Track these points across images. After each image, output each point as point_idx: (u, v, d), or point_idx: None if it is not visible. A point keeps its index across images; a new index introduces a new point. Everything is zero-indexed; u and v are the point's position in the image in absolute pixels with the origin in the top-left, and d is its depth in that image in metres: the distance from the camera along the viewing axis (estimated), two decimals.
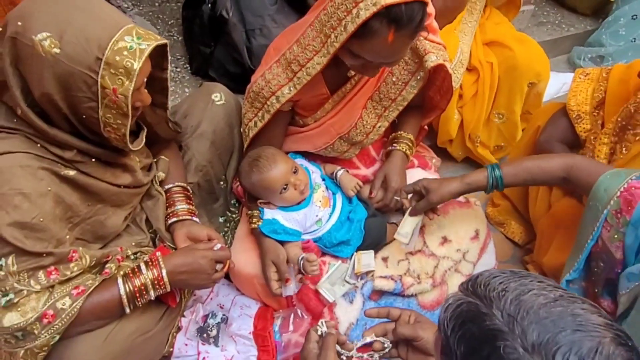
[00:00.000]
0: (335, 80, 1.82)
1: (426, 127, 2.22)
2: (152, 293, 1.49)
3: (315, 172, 1.95)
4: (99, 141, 1.41)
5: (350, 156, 2.03)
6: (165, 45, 1.40)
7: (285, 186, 1.74)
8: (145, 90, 1.41)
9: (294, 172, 1.75)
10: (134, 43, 1.26)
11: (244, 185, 1.83)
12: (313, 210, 1.82)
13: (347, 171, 1.96)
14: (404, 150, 1.99)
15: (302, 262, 1.70)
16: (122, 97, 1.28)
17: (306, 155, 2.04)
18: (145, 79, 1.37)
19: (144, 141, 1.58)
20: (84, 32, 1.22)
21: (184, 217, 1.74)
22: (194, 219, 1.76)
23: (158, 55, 1.45)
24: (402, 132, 2.03)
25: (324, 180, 1.94)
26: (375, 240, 1.89)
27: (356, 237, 1.87)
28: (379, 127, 1.92)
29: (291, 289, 1.73)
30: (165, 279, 1.49)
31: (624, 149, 1.81)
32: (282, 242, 1.76)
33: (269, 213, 1.80)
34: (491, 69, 2.38)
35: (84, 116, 1.32)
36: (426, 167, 2.23)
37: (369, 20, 1.39)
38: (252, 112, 1.79)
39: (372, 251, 1.85)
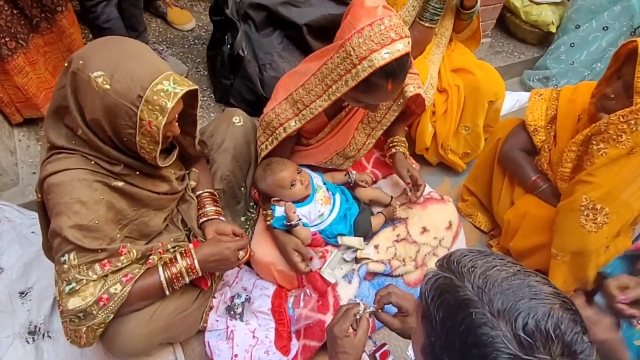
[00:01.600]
0: (333, 110, 1.80)
1: (406, 128, 2.20)
2: (186, 278, 1.47)
3: (317, 177, 1.92)
4: (138, 157, 1.40)
5: (345, 167, 2.01)
6: (196, 90, 1.40)
7: (293, 182, 1.72)
8: (177, 124, 1.39)
9: (299, 172, 1.75)
10: (170, 87, 1.26)
11: (259, 187, 1.80)
12: (316, 206, 1.80)
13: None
14: (403, 150, 1.97)
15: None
16: (155, 129, 1.28)
17: (310, 167, 2.01)
18: (177, 115, 1.36)
19: (174, 158, 1.57)
20: (131, 74, 1.22)
21: (213, 217, 1.71)
22: (221, 218, 1.73)
23: (190, 97, 1.44)
24: (397, 136, 2.00)
25: (325, 184, 1.92)
26: (363, 230, 1.86)
27: (352, 229, 1.85)
28: (368, 143, 1.90)
29: (317, 262, 1.71)
30: (197, 266, 1.47)
31: (588, 162, 1.81)
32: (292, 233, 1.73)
33: (279, 210, 1.77)
34: (458, 90, 2.36)
35: (125, 139, 1.31)
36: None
37: (368, 77, 1.36)
38: (264, 137, 1.77)
39: (372, 246, 1.83)
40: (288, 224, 1.69)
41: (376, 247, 1.86)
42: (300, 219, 1.71)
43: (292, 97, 1.62)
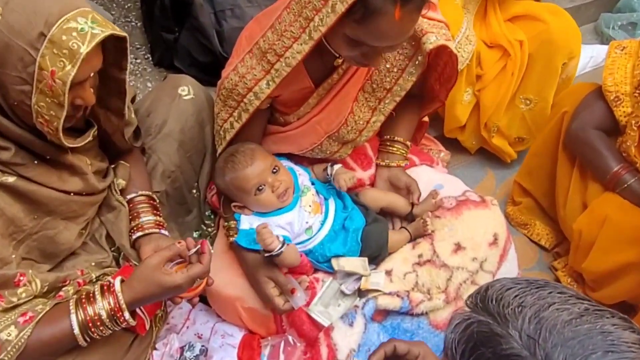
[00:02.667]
0: (319, 70, 1.80)
1: (426, 118, 2.20)
2: (109, 325, 1.44)
3: (303, 175, 1.94)
4: (37, 133, 1.39)
5: (342, 156, 2.01)
6: (124, 40, 1.39)
7: (261, 187, 1.72)
8: (91, 89, 1.39)
9: (274, 172, 1.74)
10: (86, 26, 1.26)
11: (218, 185, 1.83)
12: (302, 215, 1.80)
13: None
14: (397, 161, 2.03)
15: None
16: (60, 83, 1.26)
17: (291, 157, 2.03)
18: (93, 74, 1.36)
19: (89, 138, 1.55)
20: (33, 3, 1.23)
21: (151, 231, 1.72)
22: (163, 232, 1.74)
23: (116, 51, 1.44)
24: (397, 135, 2.04)
25: (313, 184, 1.93)
26: (375, 251, 1.87)
27: (353, 249, 1.85)
28: (374, 122, 1.91)
29: (301, 298, 1.72)
30: (124, 310, 1.44)
31: None
32: None
33: (246, 221, 1.78)
34: (521, 46, 2.37)
35: (15, 102, 1.31)
36: (432, 163, 2.22)
37: None
38: (226, 112, 1.79)
39: (382, 272, 1.84)
40: (267, 254, 1.67)
41: (389, 272, 1.86)
42: (283, 243, 1.67)
43: (259, 46, 1.64)
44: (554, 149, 2.33)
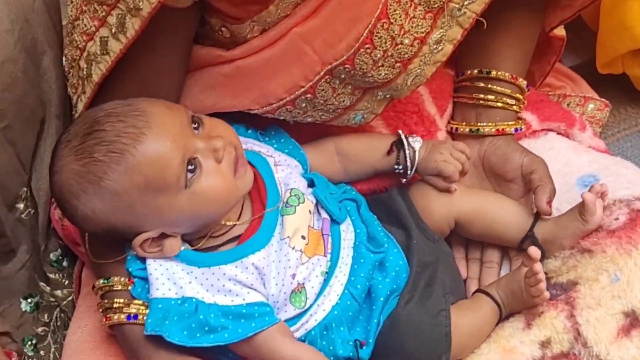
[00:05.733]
0: None
1: (563, 34, 1.64)
2: None
3: (286, 165, 1.36)
4: None
5: (364, 121, 1.41)
6: None
7: (191, 164, 1.17)
8: None
9: (195, 127, 1.22)
10: None
11: (82, 211, 1.18)
12: (284, 257, 1.22)
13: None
14: (502, 126, 1.49)
15: None
16: None
17: (247, 120, 1.41)
18: None
19: None
20: None
21: None
22: None
23: None
24: (490, 69, 1.49)
25: (310, 187, 1.34)
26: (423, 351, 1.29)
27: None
28: (436, 44, 1.31)
29: None
30: None
31: None
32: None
33: (163, 278, 1.18)
34: None
35: None
36: (570, 126, 1.62)
37: None
38: (93, 16, 1.23)
39: None
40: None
41: None
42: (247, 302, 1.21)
43: None
44: None
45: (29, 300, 1.47)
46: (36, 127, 1.42)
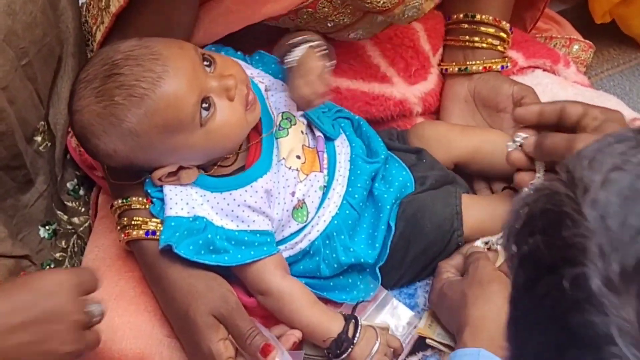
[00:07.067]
0: None
1: None
2: None
3: (274, 85, 1.43)
4: None
5: (361, 36, 1.50)
6: None
7: (205, 102, 1.24)
8: None
9: (207, 65, 1.27)
10: None
11: (103, 150, 1.27)
12: (283, 178, 1.32)
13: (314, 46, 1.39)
14: (489, 64, 1.57)
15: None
16: None
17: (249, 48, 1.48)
18: None
19: None
20: None
21: None
22: None
23: None
24: (475, 13, 1.58)
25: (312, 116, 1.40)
26: (432, 246, 1.35)
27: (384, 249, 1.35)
28: None
29: None
30: None
31: None
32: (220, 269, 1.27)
33: (178, 200, 1.26)
34: None
35: None
36: (555, 62, 1.68)
37: None
38: None
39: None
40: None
41: None
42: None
43: None
44: None
45: (47, 227, 1.52)
46: (54, 65, 1.46)
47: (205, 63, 1.23)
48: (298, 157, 1.30)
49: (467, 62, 1.56)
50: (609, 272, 0.53)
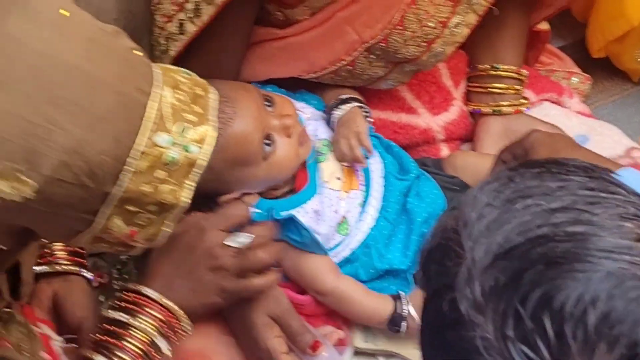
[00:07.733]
0: None
1: (548, 28, 1.88)
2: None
3: (314, 116, 1.53)
4: None
5: (391, 85, 1.60)
6: None
7: (268, 139, 1.38)
8: None
9: (268, 105, 1.40)
10: None
11: None
12: (326, 197, 1.43)
13: (363, 107, 1.53)
14: (507, 106, 1.67)
15: None
16: None
17: (291, 85, 1.58)
18: None
19: None
20: None
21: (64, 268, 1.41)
22: (85, 273, 1.40)
23: None
24: (496, 63, 1.70)
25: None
26: None
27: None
28: (456, 25, 1.51)
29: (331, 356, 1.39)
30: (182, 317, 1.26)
31: None
32: None
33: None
34: None
35: None
36: (559, 94, 1.79)
37: None
38: (171, 3, 1.43)
39: None
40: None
41: None
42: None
43: None
44: None
45: None
46: None
47: (266, 103, 1.36)
48: (338, 178, 1.42)
49: (500, 103, 1.68)
50: (475, 294, 0.59)
